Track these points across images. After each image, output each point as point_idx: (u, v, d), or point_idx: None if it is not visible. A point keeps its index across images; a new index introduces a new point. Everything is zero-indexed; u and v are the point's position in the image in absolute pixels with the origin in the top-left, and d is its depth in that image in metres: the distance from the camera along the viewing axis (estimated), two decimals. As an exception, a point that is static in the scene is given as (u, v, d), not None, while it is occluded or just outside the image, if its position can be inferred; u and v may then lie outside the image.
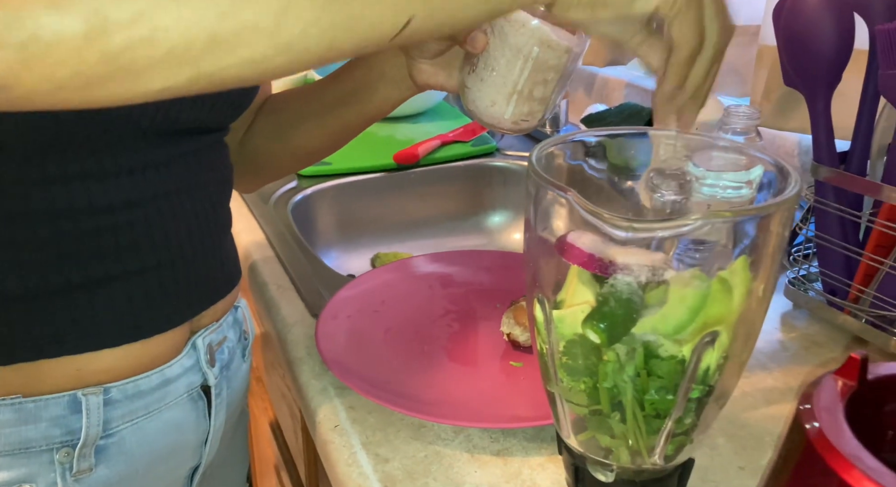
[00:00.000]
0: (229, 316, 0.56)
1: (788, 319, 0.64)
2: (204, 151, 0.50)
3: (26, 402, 0.44)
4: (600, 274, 0.38)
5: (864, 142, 0.59)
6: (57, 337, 0.44)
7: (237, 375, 0.57)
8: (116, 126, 0.42)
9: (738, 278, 0.36)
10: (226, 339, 0.55)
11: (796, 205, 0.36)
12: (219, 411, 0.54)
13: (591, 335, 0.37)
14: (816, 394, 0.28)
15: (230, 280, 0.55)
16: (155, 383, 0.49)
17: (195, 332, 0.52)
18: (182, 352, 0.50)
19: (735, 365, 0.39)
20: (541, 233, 0.40)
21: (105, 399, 0.46)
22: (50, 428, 0.44)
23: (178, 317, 0.50)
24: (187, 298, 0.50)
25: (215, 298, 0.53)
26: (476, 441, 0.49)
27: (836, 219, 0.60)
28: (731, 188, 0.46)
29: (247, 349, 0.59)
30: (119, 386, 0.47)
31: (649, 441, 0.39)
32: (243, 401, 0.61)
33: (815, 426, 0.26)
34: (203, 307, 0.52)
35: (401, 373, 0.56)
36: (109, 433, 0.47)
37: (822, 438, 0.25)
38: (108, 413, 0.46)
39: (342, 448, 0.49)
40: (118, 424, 0.47)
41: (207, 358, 0.52)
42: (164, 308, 0.48)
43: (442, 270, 0.72)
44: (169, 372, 0.49)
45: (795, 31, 0.59)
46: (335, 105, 0.57)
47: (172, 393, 0.50)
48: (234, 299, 0.57)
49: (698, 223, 0.33)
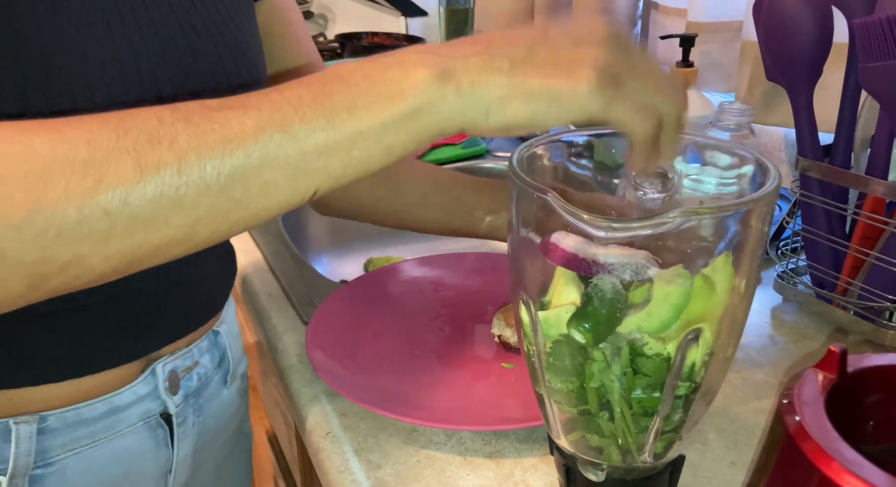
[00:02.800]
0: (203, 341, 0.53)
1: (778, 313, 0.64)
2: None
3: None
4: (584, 274, 0.38)
5: (847, 134, 0.60)
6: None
7: (213, 402, 0.55)
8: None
9: (721, 274, 0.37)
10: (196, 365, 0.52)
11: (775, 200, 0.36)
12: (183, 439, 0.52)
13: (577, 335, 0.37)
14: (797, 388, 0.28)
15: (206, 310, 0.53)
16: (100, 411, 0.46)
17: (155, 360, 0.49)
18: (136, 380, 0.47)
19: (720, 360, 0.39)
20: (524, 234, 0.40)
21: (40, 427, 0.43)
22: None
23: (134, 353, 0.47)
24: (145, 334, 0.47)
25: (183, 332, 0.50)
26: (468, 443, 0.49)
27: (822, 213, 0.61)
28: (722, 184, 0.46)
29: (230, 374, 0.57)
30: (57, 414, 0.44)
31: (638, 439, 0.39)
32: (231, 426, 0.59)
33: (796, 419, 0.26)
34: (166, 341, 0.49)
35: (392, 378, 0.56)
36: (48, 462, 0.44)
37: (802, 431, 0.25)
38: (45, 442, 0.44)
39: (334, 455, 0.49)
40: (58, 453, 0.44)
41: (167, 385, 0.49)
42: (118, 343, 0.46)
43: (432, 274, 0.72)
44: (118, 400, 0.46)
45: (775, 27, 0.59)
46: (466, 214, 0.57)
47: (124, 421, 0.47)
48: (212, 324, 0.54)
49: (678, 220, 0.33)
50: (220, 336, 0.56)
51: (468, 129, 0.33)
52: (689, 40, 0.78)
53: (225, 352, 0.56)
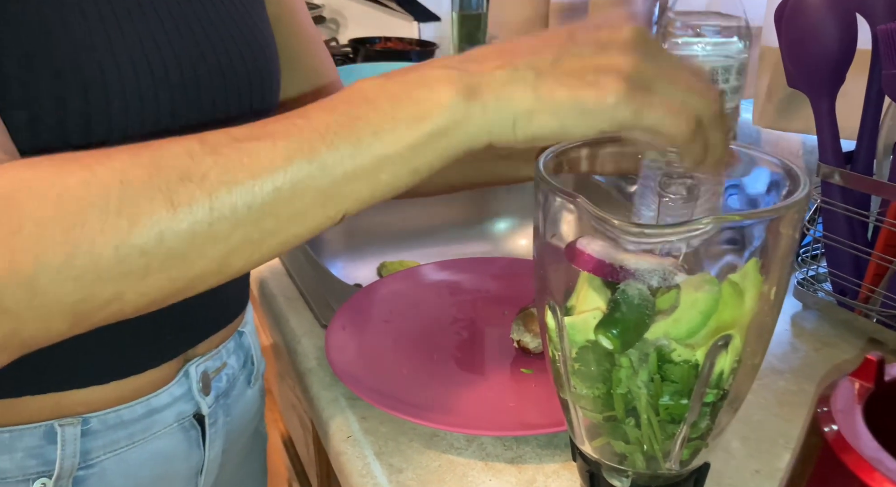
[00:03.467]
0: (230, 342, 0.54)
1: (798, 320, 0.64)
2: None
3: (2, 432, 0.43)
4: (610, 279, 0.38)
5: (869, 141, 0.59)
6: (37, 374, 0.43)
7: (239, 402, 0.55)
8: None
9: (749, 281, 0.36)
10: (225, 366, 0.53)
11: (806, 207, 0.36)
12: (214, 440, 0.52)
13: (604, 341, 0.37)
14: (833, 397, 0.28)
15: (233, 309, 0.54)
16: (139, 413, 0.47)
17: (189, 360, 0.50)
18: (172, 381, 0.48)
19: (748, 368, 0.39)
20: (550, 239, 0.40)
21: (84, 429, 0.44)
22: (25, 459, 0.43)
23: (170, 353, 0.48)
24: (181, 334, 0.48)
25: (213, 330, 0.51)
26: (489, 449, 0.49)
27: (843, 219, 0.60)
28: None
29: (253, 374, 0.57)
30: (99, 416, 0.45)
31: (665, 446, 0.39)
32: (252, 426, 0.60)
33: (834, 429, 0.26)
34: (199, 339, 0.50)
35: (412, 382, 0.56)
36: (89, 463, 0.45)
37: (841, 441, 0.25)
38: (87, 443, 0.45)
39: (355, 458, 0.49)
40: (99, 455, 0.45)
41: (200, 386, 0.50)
42: (157, 344, 0.47)
43: (449, 278, 0.72)
44: (155, 402, 0.47)
45: (797, 34, 0.59)
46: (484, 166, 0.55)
47: (160, 422, 0.48)
48: (237, 325, 0.55)
49: (708, 227, 0.33)
50: (245, 336, 0.56)
51: (496, 142, 0.32)
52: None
53: (249, 353, 0.57)
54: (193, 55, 0.42)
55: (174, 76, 0.41)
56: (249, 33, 0.47)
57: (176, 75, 0.41)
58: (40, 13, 0.37)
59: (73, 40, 0.37)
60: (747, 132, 0.89)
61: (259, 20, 0.49)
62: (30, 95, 0.37)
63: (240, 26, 0.46)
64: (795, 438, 0.50)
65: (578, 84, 0.30)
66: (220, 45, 0.44)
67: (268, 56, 0.48)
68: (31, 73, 0.37)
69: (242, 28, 0.47)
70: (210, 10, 0.45)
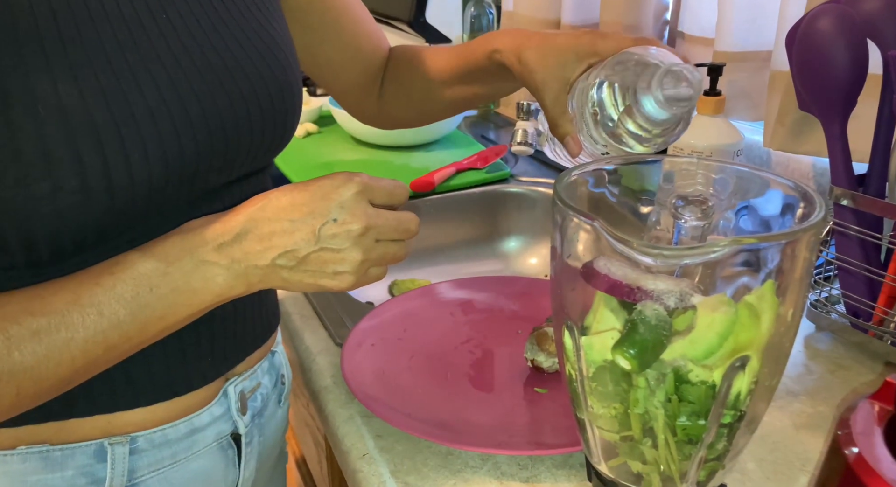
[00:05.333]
0: (265, 361, 0.55)
1: (812, 342, 0.64)
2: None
3: (53, 450, 0.43)
4: (627, 300, 0.38)
5: (881, 164, 0.60)
6: (89, 397, 0.44)
7: (271, 422, 0.56)
8: (166, 207, 0.43)
9: (766, 303, 0.37)
10: (259, 385, 0.54)
11: (823, 229, 0.36)
12: (249, 459, 0.53)
13: (622, 361, 0.38)
14: (853, 419, 0.28)
15: (268, 327, 0.55)
16: (183, 432, 0.48)
17: (228, 380, 0.51)
18: (212, 401, 0.49)
19: (765, 389, 0.39)
20: (567, 260, 0.41)
21: (132, 448, 0.45)
22: (76, 477, 0.44)
23: (213, 373, 0.49)
24: (223, 353, 0.49)
25: (252, 349, 0.52)
26: (504, 468, 0.49)
27: (856, 242, 0.61)
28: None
29: (283, 394, 0.58)
30: (146, 436, 0.46)
31: (682, 467, 0.39)
32: (280, 446, 0.60)
33: (855, 451, 0.26)
34: (239, 359, 0.51)
35: (427, 401, 0.56)
36: (134, 482, 0.46)
37: (862, 463, 0.25)
38: (134, 462, 0.46)
39: (371, 476, 0.49)
40: (144, 473, 0.46)
41: (238, 406, 0.51)
42: (199, 365, 0.48)
43: (461, 297, 0.72)
44: (197, 422, 0.48)
45: (809, 58, 0.60)
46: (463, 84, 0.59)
47: (201, 441, 0.49)
48: (271, 344, 0.56)
49: (726, 250, 0.34)
50: (277, 355, 0.57)
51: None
52: (718, 69, 0.79)
53: (280, 372, 0.58)
54: (213, 87, 0.43)
55: (195, 113, 0.41)
56: (268, 52, 0.47)
57: (196, 112, 0.41)
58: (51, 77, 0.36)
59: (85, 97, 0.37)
60: (758, 154, 0.90)
61: (278, 36, 0.49)
62: (48, 163, 0.37)
63: (258, 48, 0.46)
64: (811, 460, 0.49)
65: (321, 276, 0.42)
66: (240, 72, 0.45)
67: (289, 75, 0.49)
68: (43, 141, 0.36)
69: (262, 49, 0.47)
70: (225, 36, 0.45)
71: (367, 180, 0.42)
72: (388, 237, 0.43)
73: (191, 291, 0.40)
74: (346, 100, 0.68)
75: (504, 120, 1.36)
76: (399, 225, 0.43)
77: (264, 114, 0.46)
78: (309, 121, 1.24)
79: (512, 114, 1.37)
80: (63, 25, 0.37)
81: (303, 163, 1.11)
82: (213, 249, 0.40)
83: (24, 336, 0.37)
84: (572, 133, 0.46)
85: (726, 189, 0.45)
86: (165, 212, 0.43)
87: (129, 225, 0.41)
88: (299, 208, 0.40)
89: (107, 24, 0.39)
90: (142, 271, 0.39)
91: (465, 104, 0.62)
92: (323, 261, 0.41)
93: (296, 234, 0.40)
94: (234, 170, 0.46)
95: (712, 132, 0.78)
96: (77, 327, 0.38)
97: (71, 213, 0.38)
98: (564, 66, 0.47)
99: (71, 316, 0.37)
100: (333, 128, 1.25)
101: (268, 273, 0.41)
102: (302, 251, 0.40)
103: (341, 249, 0.41)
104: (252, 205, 0.41)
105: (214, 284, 0.40)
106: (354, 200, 0.41)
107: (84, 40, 0.38)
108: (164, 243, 0.40)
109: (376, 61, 0.65)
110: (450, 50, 0.60)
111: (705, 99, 0.79)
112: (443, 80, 0.60)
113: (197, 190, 0.44)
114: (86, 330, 0.38)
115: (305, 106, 1.26)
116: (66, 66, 0.37)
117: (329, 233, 0.40)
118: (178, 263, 0.39)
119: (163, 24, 0.41)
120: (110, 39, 0.39)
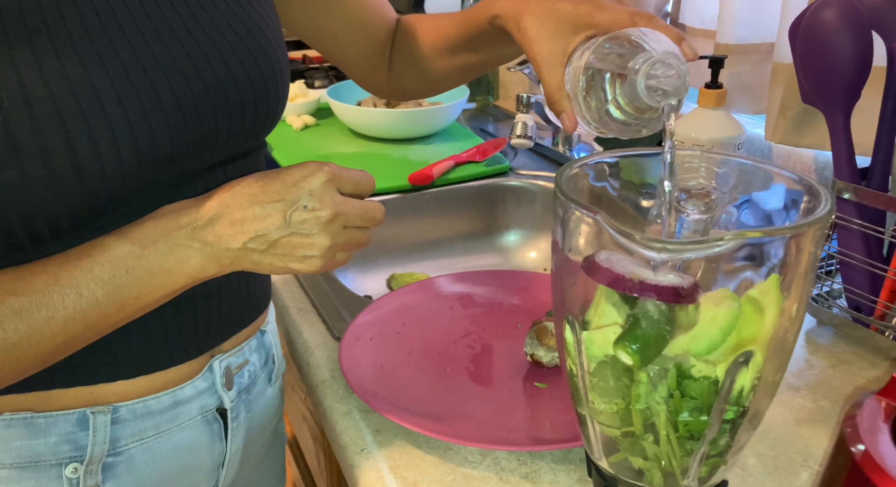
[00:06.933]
0: (253, 340, 0.55)
1: (813, 336, 0.64)
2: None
3: (38, 417, 0.45)
4: (629, 294, 0.38)
5: (884, 157, 0.59)
6: (72, 370, 0.45)
7: (260, 399, 0.57)
8: (154, 191, 0.44)
9: (770, 297, 0.36)
10: (247, 363, 0.54)
11: (828, 223, 0.36)
12: (236, 434, 0.54)
13: (623, 356, 0.37)
14: (859, 416, 0.27)
15: (256, 308, 0.55)
16: (166, 404, 0.49)
17: (214, 356, 0.52)
18: (197, 375, 0.50)
19: (769, 385, 0.38)
20: (569, 253, 0.40)
21: (114, 417, 0.46)
22: (59, 444, 0.45)
23: (196, 349, 0.50)
24: (206, 331, 0.50)
25: (238, 328, 0.53)
26: (504, 463, 0.49)
27: (858, 236, 0.60)
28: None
29: (273, 373, 0.59)
30: (128, 406, 0.47)
31: (683, 462, 0.39)
32: (272, 424, 0.61)
33: (861, 448, 0.26)
34: (224, 337, 0.52)
35: (425, 396, 0.56)
36: (118, 451, 0.47)
37: (869, 460, 0.25)
38: (116, 431, 0.47)
39: (370, 471, 0.49)
40: (127, 443, 0.47)
41: (223, 381, 0.52)
42: (181, 341, 0.48)
43: (460, 291, 0.72)
44: (181, 394, 0.49)
45: (813, 50, 0.59)
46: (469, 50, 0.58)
47: (185, 414, 0.50)
48: (260, 323, 0.57)
49: (731, 243, 0.33)
50: (266, 335, 0.58)
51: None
52: (719, 62, 0.78)
53: (270, 351, 0.58)
54: (187, 72, 0.43)
55: (167, 99, 0.42)
56: (249, 36, 0.47)
57: (168, 97, 0.42)
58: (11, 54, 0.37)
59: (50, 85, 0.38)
60: (759, 147, 0.89)
61: (260, 19, 0.49)
62: (14, 152, 0.37)
63: (238, 32, 0.46)
64: (813, 456, 0.49)
65: (291, 259, 0.43)
66: (217, 57, 0.45)
67: (271, 59, 0.49)
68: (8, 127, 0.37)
69: (241, 33, 0.47)
70: (203, 21, 0.45)
71: (336, 170, 0.44)
72: (355, 224, 0.45)
73: (165, 272, 0.41)
74: (356, 74, 0.67)
75: (503, 113, 1.35)
76: (365, 213, 0.45)
77: (243, 99, 0.46)
78: (307, 114, 1.24)
79: (511, 106, 1.36)
80: (29, 17, 0.37)
81: (301, 156, 1.10)
82: (187, 233, 0.42)
83: (7, 314, 0.38)
84: (568, 110, 0.46)
85: (728, 182, 0.45)
86: (146, 194, 0.43)
87: (108, 208, 0.42)
88: (270, 195, 0.42)
89: (75, 12, 0.39)
90: (118, 254, 0.41)
91: (472, 70, 0.62)
92: (293, 246, 0.43)
93: (267, 220, 0.42)
94: (214, 154, 0.46)
95: (713, 125, 0.77)
96: (57, 307, 0.39)
97: (40, 201, 0.39)
98: (562, 36, 0.46)
99: (51, 296, 0.39)
100: (331, 121, 1.24)
101: (239, 256, 0.42)
102: (273, 235, 0.42)
103: (310, 234, 0.42)
104: (225, 190, 0.43)
105: (188, 266, 0.42)
106: (323, 189, 0.43)
107: (51, 30, 0.38)
108: (139, 227, 0.42)
109: (382, 33, 0.64)
110: (450, 16, 0.59)
111: (706, 92, 0.78)
112: (447, 47, 0.59)
113: (176, 173, 0.44)
114: (65, 309, 0.39)
115: (304, 98, 1.25)
116: (30, 55, 0.37)
117: (299, 218, 0.42)
118: (154, 246, 0.41)
119: (136, 11, 0.42)
120: (78, 28, 0.39)
